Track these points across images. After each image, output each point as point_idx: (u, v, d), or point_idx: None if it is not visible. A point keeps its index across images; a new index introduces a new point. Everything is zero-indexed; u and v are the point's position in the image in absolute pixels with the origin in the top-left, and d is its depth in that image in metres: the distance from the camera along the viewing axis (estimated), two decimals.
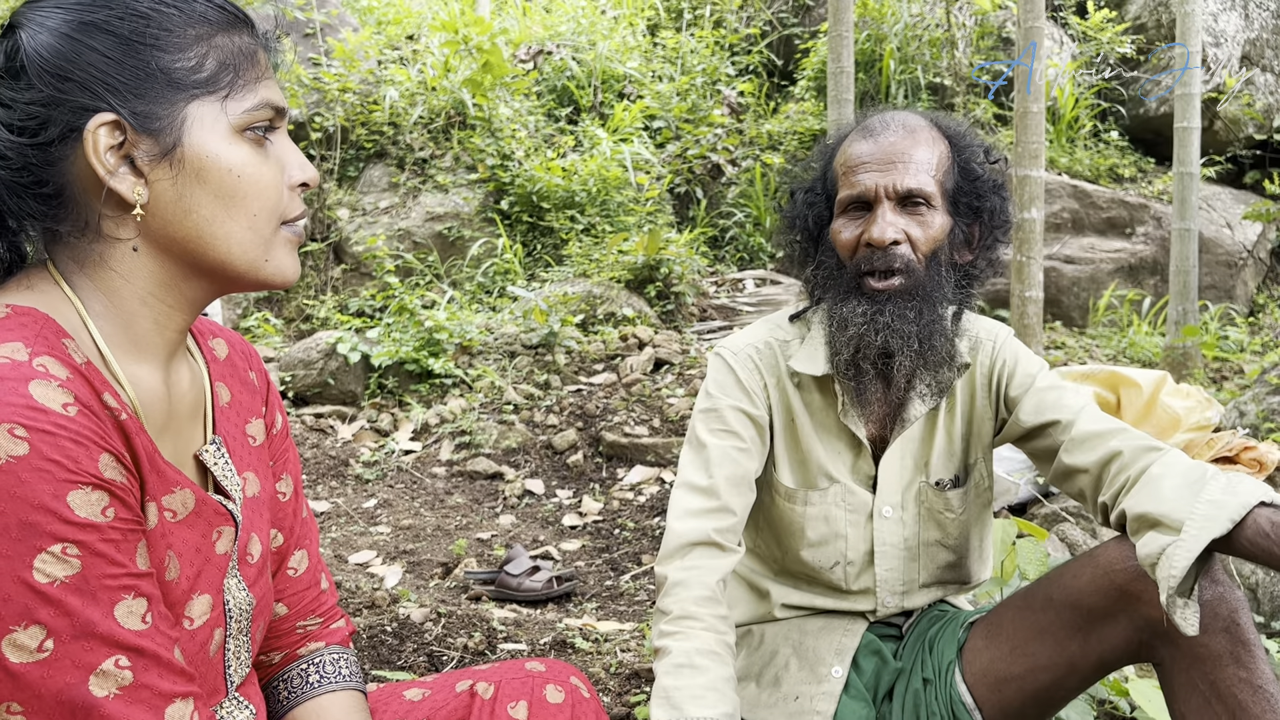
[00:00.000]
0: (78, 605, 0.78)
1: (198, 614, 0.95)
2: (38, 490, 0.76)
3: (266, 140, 0.94)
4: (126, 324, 0.91)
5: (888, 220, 1.47)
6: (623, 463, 4.34)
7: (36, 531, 0.76)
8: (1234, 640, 1.30)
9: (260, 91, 0.93)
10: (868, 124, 1.56)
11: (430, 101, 7.20)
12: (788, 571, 1.67)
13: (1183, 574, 1.21)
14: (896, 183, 1.48)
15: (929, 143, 1.51)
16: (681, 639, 1.39)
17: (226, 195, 0.90)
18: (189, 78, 0.89)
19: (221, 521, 0.99)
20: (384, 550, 3.54)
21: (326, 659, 1.20)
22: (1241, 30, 7.60)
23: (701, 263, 6.73)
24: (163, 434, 0.94)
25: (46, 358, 0.81)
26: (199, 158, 0.89)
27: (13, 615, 0.76)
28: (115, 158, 0.87)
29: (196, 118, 0.89)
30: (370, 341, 5.22)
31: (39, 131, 0.85)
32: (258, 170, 0.91)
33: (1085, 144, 7.52)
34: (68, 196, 0.88)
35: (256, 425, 1.12)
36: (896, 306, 1.48)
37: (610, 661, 2.40)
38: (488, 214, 6.81)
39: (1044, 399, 1.56)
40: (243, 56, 0.92)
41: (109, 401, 0.85)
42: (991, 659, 1.51)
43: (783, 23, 8.74)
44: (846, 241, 1.53)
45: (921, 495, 1.61)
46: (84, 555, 0.79)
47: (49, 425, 0.78)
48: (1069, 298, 6.79)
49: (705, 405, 1.60)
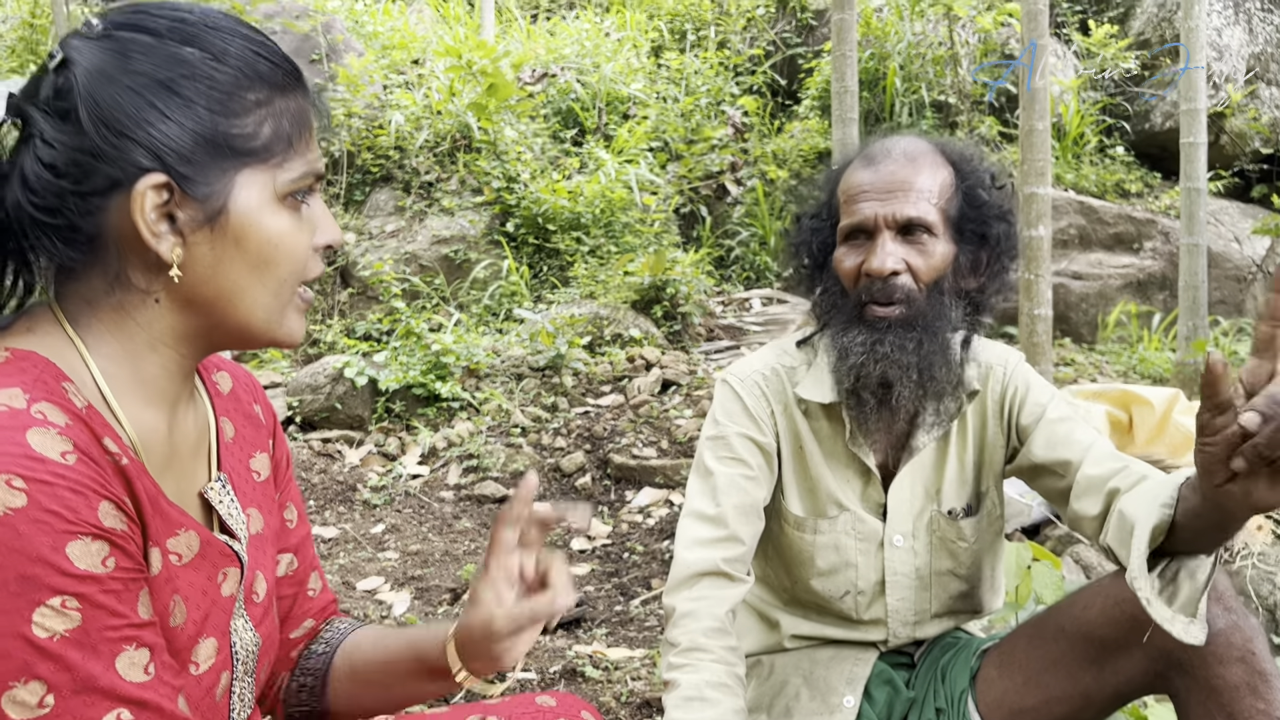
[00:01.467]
0: (78, 659, 0.76)
1: (204, 658, 0.93)
2: (36, 542, 0.75)
3: (303, 204, 0.93)
4: (135, 368, 0.90)
5: (887, 250, 1.46)
6: (631, 485, 4.31)
7: (35, 584, 0.75)
8: (1251, 671, 1.28)
9: (308, 159, 0.92)
10: (869, 151, 1.54)
11: (435, 125, 7.23)
12: (798, 601, 1.65)
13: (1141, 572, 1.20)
14: (896, 212, 1.46)
15: (931, 169, 1.49)
16: (691, 671, 1.37)
17: (261, 262, 0.89)
18: (244, 145, 0.87)
19: (227, 563, 0.97)
20: (392, 576, 3.52)
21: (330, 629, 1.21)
22: (1246, 45, 7.60)
23: (708, 283, 6.72)
24: (165, 474, 0.93)
25: (45, 404, 0.80)
26: (241, 225, 0.87)
27: (12, 671, 0.74)
28: (158, 216, 0.84)
29: (244, 185, 0.87)
30: (377, 365, 5.22)
31: (82, 179, 0.83)
32: (294, 238, 0.91)
33: (1091, 160, 7.51)
34: (99, 245, 0.86)
35: (261, 460, 1.10)
36: (896, 336, 1.46)
37: (621, 690, 2.38)
38: (494, 236, 6.82)
39: (1055, 432, 1.53)
40: (296, 123, 0.91)
41: (109, 446, 0.83)
42: (1005, 690, 1.49)
43: (786, 43, 8.77)
44: (848, 270, 1.51)
45: (934, 524, 1.59)
46: (84, 607, 0.77)
47: (47, 475, 0.76)
48: (1078, 314, 6.76)
49: (712, 433, 1.58)
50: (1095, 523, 1.43)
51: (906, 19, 7.81)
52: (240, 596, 1.00)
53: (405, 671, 1.13)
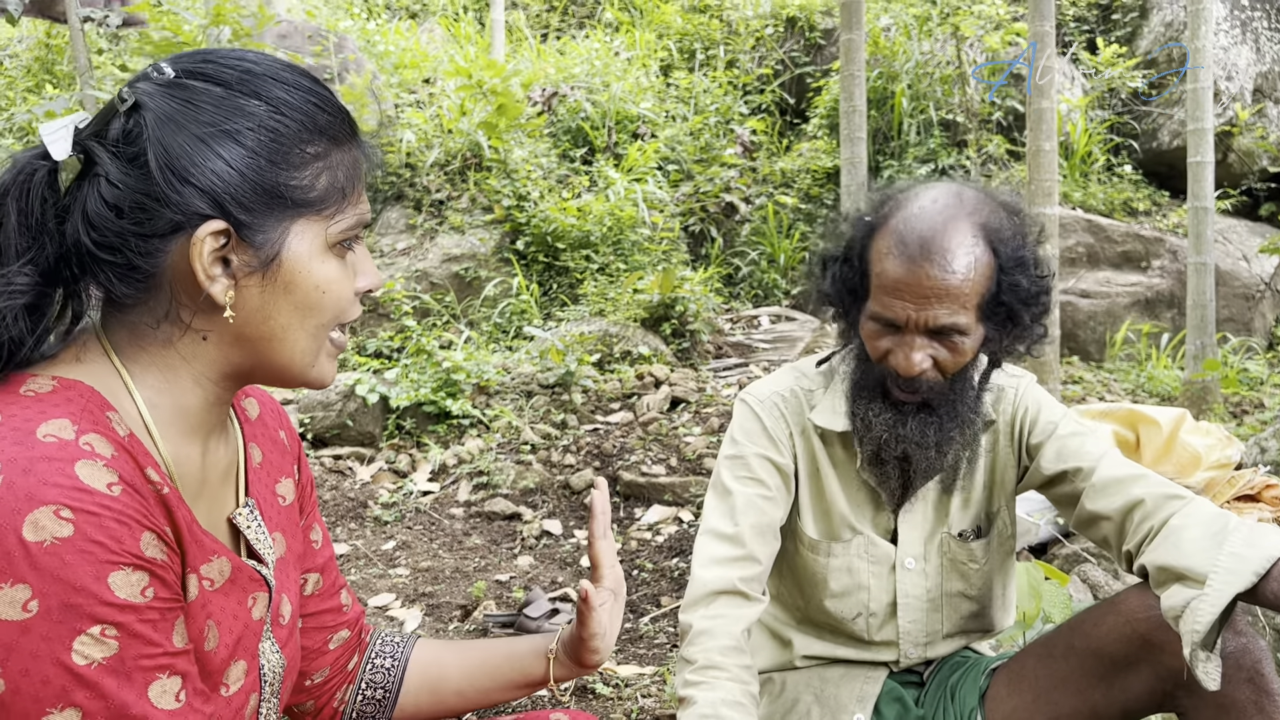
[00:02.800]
0: (113, 687, 0.79)
1: (234, 680, 0.95)
2: (80, 572, 0.77)
3: (350, 251, 0.96)
4: (176, 400, 0.92)
5: (915, 352, 1.42)
6: (640, 502, 4.33)
7: (77, 613, 0.77)
8: (1258, 691, 1.30)
9: (359, 210, 0.94)
10: (908, 235, 1.41)
11: (446, 144, 7.29)
12: (810, 621, 1.67)
13: (1206, 629, 1.21)
14: (929, 319, 1.40)
15: (969, 262, 1.39)
16: (706, 689, 1.38)
17: (307, 306, 0.92)
18: (302, 197, 0.89)
19: (256, 588, 1.00)
20: (403, 593, 3.54)
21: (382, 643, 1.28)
22: (1253, 64, 7.63)
23: (717, 300, 6.75)
24: (198, 500, 0.95)
25: (92, 435, 0.82)
26: (292, 272, 0.90)
27: (50, 697, 0.77)
28: (213, 259, 0.87)
29: (298, 234, 0.90)
30: (388, 383, 5.25)
31: (144, 221, 0.85)
32: (340, 285, 0.94)
33: (1099, 178, 7.53)
34: (154, 284, 0.88)
35: (286, 485, 1.13)
36: (919, 421, 1.47)
37: (631, 707, 2.39)
38: (504, 254, 6.86)
39: (1066, 445, 1.55)
40: (350, 176, 0.94)
41: (151, 476, 0.86)
42: (1014, 707, 1.51)
43: (795, 62, 8.82)
44: (875, 349, 1.48)
45: (944, 546, 1.61)
46: (121, 636, 0.79)
47: (94, 506, 0.78)
48: (1085, 332, 6.77)
49: (731, 452, 1.59)
50: (1111, 523, 1.44)
51: (914, 38, 7.85)
52: (268, 620, 1.02)
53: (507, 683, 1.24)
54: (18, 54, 8.41)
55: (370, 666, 1.24)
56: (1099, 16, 8.28)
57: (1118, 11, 8.18)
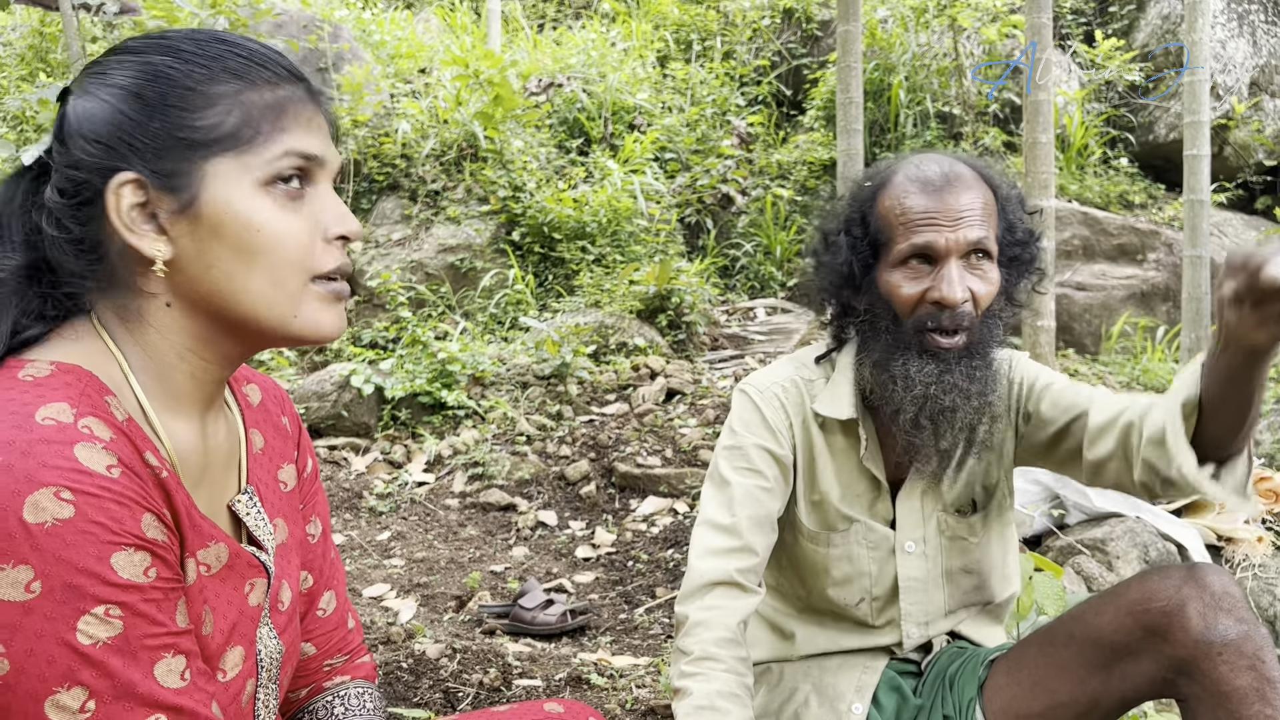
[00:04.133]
0: (119, 666, 0.79)
1: (231, 666, 0.95)
2: (83, 553, 0.77)
3: (302, 192, 0.93)
4: (164, 378, 0.92)
5: (957, 278, 1.43)
6: (635, 493, 4.33)
7: (81, 594, 0.77)
8: (1260, 678, 1.30)
9: (285, 142, 0.91)
10: (923, 174, 1.47)
11: (442, 134, 7.26)
12: (812, 609, 1.67)
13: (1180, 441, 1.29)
14: (963, 237, 1.43)
15: (982, 193, 1.47)
16: (702, 680, 1.39)
17: (245, 250, 0.89)
18: (209, 135, 0.89)
19: (254, 574, 1.00)
20: (398, 583, 3.53)
21: (351, 692, 1.22)
22: (1250, 57, 7.63)
23: (712, 292, 6.74)
24: (198, 486, 0.95)
25: (91, 418, 0.82)
26: (216, 213, 0.89)
27: (56, 677, 0.77)
28: (140, 215, 0.89)
29: (215, 174, 0.89)
30: (383, 373, 5.24)
31: (76, 194, 0.88)
32: (277, 224, 0.90)
33: (1095, 171, 7.53)
34: (102, 253, 0.90)
35: (288, 470, 1.13)
36: (964, 367, 1.47)
37: (626, 698, 2.39)
38: (499, 245, 6.85)
39: (1062, 395, 1.56)
40: (269, 109, 0.91)
41: (150, 460, 0.86)
42: (1013, 696, 1.51)
43: (791, 53, 8.80)
44: (907, 297, 1.47)
45: (942, 525, 1.61)
46: (126, 616, 0.80)
47: (94, 488, 0.79)
48: (1081, 325, 6.78)
49: (730, 443, 1.59)
50: (1118, 462, 1.45)
51: (911, 30, 7.84)
52: (266, 606, 1.02)
53: None
54: (11, 42, 8.37)
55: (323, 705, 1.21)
56: (1096, 9, 8.28)
57: (1115, 4, 8.17)
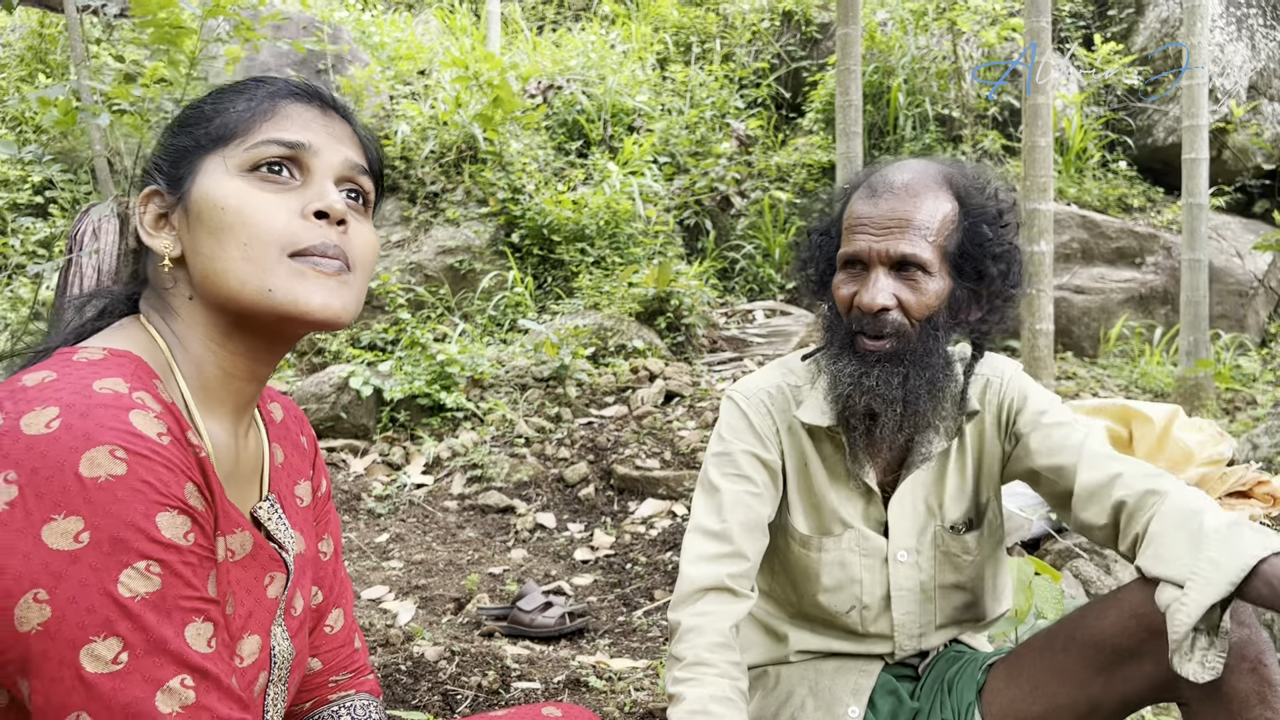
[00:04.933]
0: (154, 621, 0.81)
1: (247, 653, 0.98)
2: (131, 508, 0.81)
3: (288, 179, 0.98)
4: (199, 371, 0.98)
5: (879, 286, 1.45)
6: (634, 496, 4.33)
7: (126, 547, 0.80)
8: (1260, 681, 1.30)
9: (267, 130, 0.98)
10: (873, 180, 1.51)
11: (441, 136, 7.27)
12: (804, 615, 1.67)
13: (1185, 635, 1.23)
14: (890, 248, 1.44)
15: (934, 203, 1.46)
16: (696, 685, 1.39)
17: (216, 229, 0.95)
18: (206, 138, 0.99)
19: (275, 567, 1.03)
20: (396, 586, 3.54)
21: (356, 703, 1.24)
22: (1248, 61, 7.64)
23: (711, 294, 6.75)
24: (228, 484, 1.00)
25: (143, 393, 0.87)
26: (197, 201, 0.96)
27: (95, 625, 0.79)
28: (162, 223, 1.00)
29: (204, 170, 0.97)
30: (382, 375, 5.24)
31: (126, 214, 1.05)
32: (244, 200, 0.95)
33: (1094, 174, 7.54)
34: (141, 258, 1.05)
35: (304, 487, 1.17)
36: (883, 370, 1.47)
37: (624, 700, 2.39)
38: (498, 247, 6.85)
39: (1050, 437, 1.54)
40: (254, 110, 0.99)
41: (191, 439, 0.90)
42: (1012, 699, 1.51)
43: (791, 56, 8.81)
44: (842, 298, 1.51)
45: (937, 539, 1.61)
46: (165, 574, 0.82)
47: (145, 450, 0.83)
48: (1080, 328, 6.79)
49: (718, 449, 1.60)
50: (1103, 531, 1.45)
51: (910, 33, 7.85)
52: (282, 604, 1.05)
53: None
54: (10, 43, 8.37)
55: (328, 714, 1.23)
56: (1095, 12, 8.29)
57: (1113, 8, 8.18)
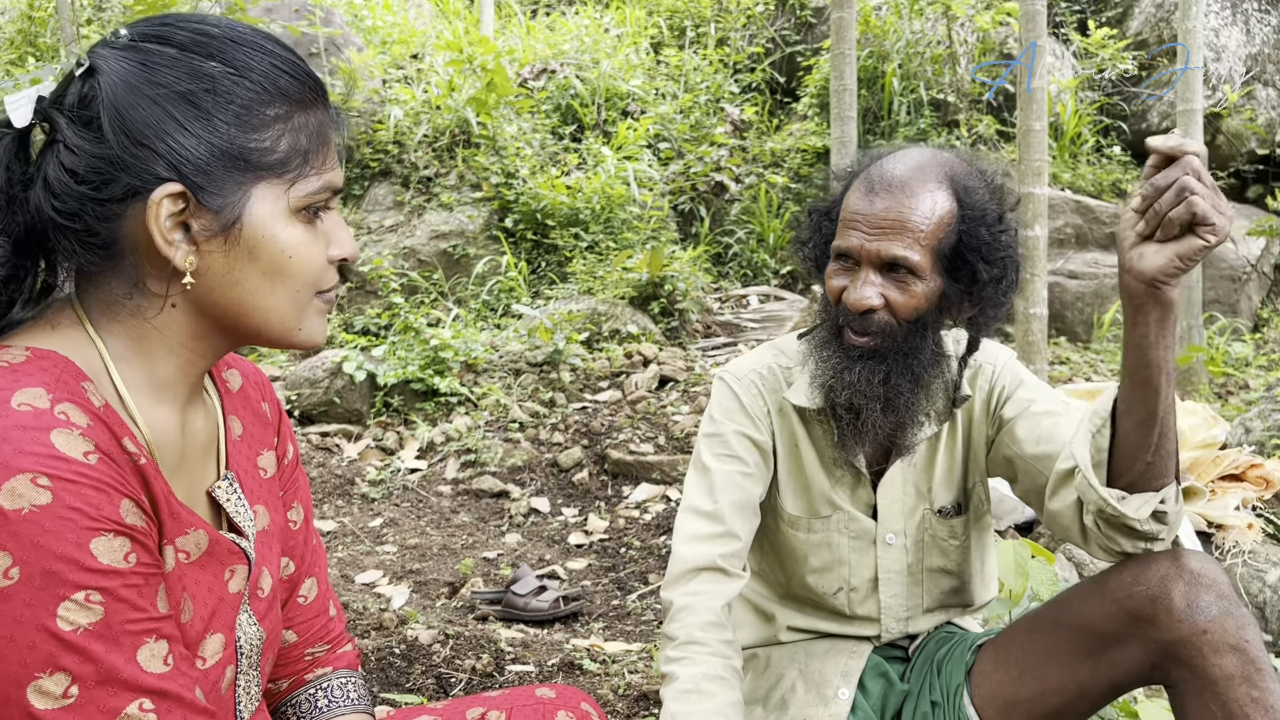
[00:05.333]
0: (101, 651, 0.79)
1: (210, 653, 0.95)
2: (61, 539, 0.77)
3: (318, 217, 0.94)
4: (150, 369, 0.92)
5: (866, 285, 1.43)
6: (628, 480, 4.34)
7: (59, 580, 0.77)
8: (1244, 660, 1.30)
9: (325, 175, 0.93)
10: (871, 174, 1.48)
11: (435, 120, 7.24)
12: (792, 596, 1.68)
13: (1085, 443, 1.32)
14: (881, 250, 1.42)
15: (930, 203, 1.43)
16: (688, 664, 1.39)
17: (274, 272, 0.91)
18: (261, 160, 0.89)
19: (234, 560, 0.99)
20: (390, 570, 3.54)
21: (334, 683, 1.22)
22: (1243, 45, 7.63)
23: (705, 280, 6.74)
24: (176, 473, 0.95)
25: (67, 404, 0.82)
26: (255, 236, 0.89)
27: (38, 663, 0.77)
28: (173, 224, 0.87)
29: (260, 198, 0.89)
30: (376, 360, 5.23)
31: (101, 186, 0.85)
32: (308, 250, 0.92)
33: (1088, 159, 7.53)
34: (117, 251, 0.88)
35: (268, 457, 1.12)
36: (864, 368, 1.46)
37: (618, 683, 2.40)
38: (492, 232, 6.84)
39: (1039, 425, 1.53)
40: (315, 139, 0.92)
41: (128, 446, 0.86)
42: (1000, 682, 1.52)
43: (785, 40, 8.78)
44: (832, 289, 1.50)
45: (925, 523, 1.62)
46: (107, 601, 0.80)
47: (70, 474, 0.78)
48: (1073, 313, 6.79)
49: (709, 430, 1.60)
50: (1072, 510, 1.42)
51: (905, 17, 7.82)
52: (246, 592, 1.02)
53: None
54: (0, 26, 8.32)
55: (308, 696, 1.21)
56: None
57: None
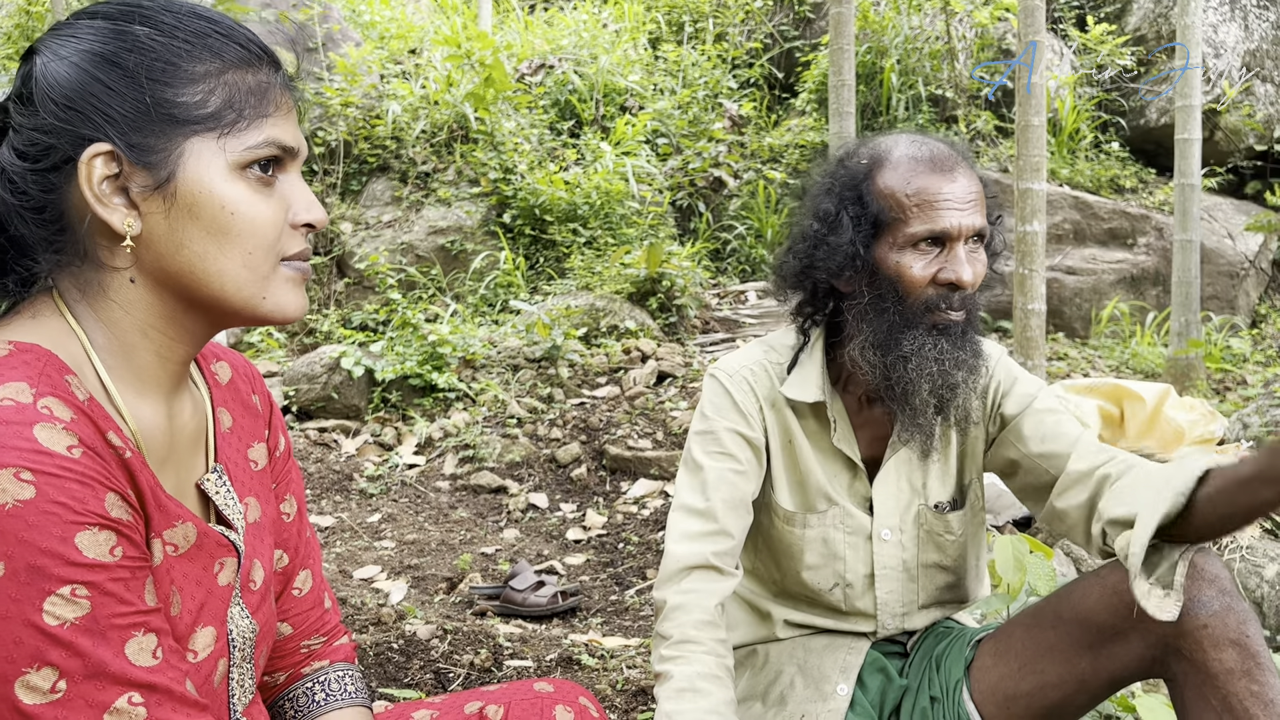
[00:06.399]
0: (88, 646, 0.79)
1: (201, 647, 0.95)
2: (45, 533, 0.77)
3: (273, 179, 0.93)
4: (128, 356, 0.91)
5: (973, 262, 1.46)
6: (626, 476, 4.34)
7: (44, 575, 0.77)
8: (1244, 654, 1.30)
9: (266, 130, 0.91)
10: (932, 156, 1.47)
11: (433, 115, 7.23)
12: (787, 593, 1.68)
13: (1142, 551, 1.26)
14: (975, 223, 1.45)
15: (978, 180, 1.50)
16: (683, 663, 1.39)
17: (219, 232, 0.89)
18: (190, 114, 0.88)
19: (224, 553, 0.99)
20: (389, 565, 3.54)
21: (331, 676, 1.21)
22: (1241, 41, 7.62)
23: (703, 275, 6.74)
24: (164, 466, 0.94)
25: (50, 399, 0.81)
26: (192, 193, 0.88)
27: (24, 658, 0.76)
28: (111, 188, 0.87)
29: (194, 153, 0.88)
30: (374, 355, 5.23)
31: (41, 158, 0.86)
32: (252, 208, 0.90)
33: (1086, 155, 7.53)
34: (66, 224, 0.88)
35: (259, 450, 1.11)
36: (970, 342, 1.49)
37: (616, 678, 2.40)
38: (490, 227, 6.83)
39: (1044, 423, 1.54)
40: (251, 94, 0.91)
41: (113, 440, 0.85)
42: (1000, 676, 1.51)
43: (784, 36, 8.77)
44: (919, 277, 1.45)
45: (921, 518, 1.61)
46: (93, 595, 0.79)
47: (54, 468, 0.78)
48: (1071, 309, 6.80)
49: (701, 427, 1.59)
50: (1082, 512, 1.43)
51: (904, 13, 7.82)
52: (237, 585, 1.01)
53: None
54: None
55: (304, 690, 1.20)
56: None
57: None
